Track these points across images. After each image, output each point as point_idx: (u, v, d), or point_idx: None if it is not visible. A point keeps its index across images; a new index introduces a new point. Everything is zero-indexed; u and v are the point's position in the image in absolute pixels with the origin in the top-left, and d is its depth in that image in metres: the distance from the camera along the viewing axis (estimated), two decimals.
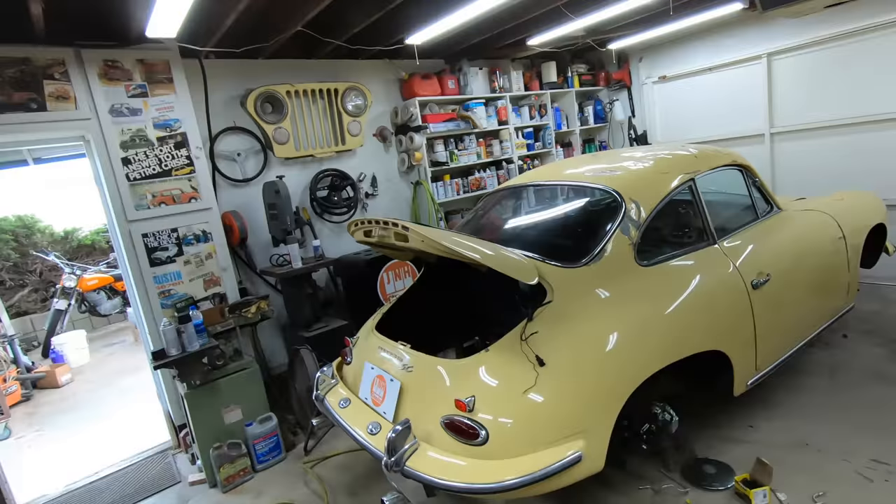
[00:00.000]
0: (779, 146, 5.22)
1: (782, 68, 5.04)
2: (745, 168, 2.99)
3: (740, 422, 2.95)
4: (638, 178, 2.65)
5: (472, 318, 3.25)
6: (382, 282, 4.19)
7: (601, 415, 2.04)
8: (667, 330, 2.27)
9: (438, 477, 1.88)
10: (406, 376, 2.26)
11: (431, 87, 4.92)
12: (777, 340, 2.72)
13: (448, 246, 1.96)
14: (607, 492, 2.54)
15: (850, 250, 3.20)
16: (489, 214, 3.33)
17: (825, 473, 2.45)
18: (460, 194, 5.23)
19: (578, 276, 2.25)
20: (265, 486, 3.09)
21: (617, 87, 6.42)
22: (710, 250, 2.57)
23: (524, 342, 2.03)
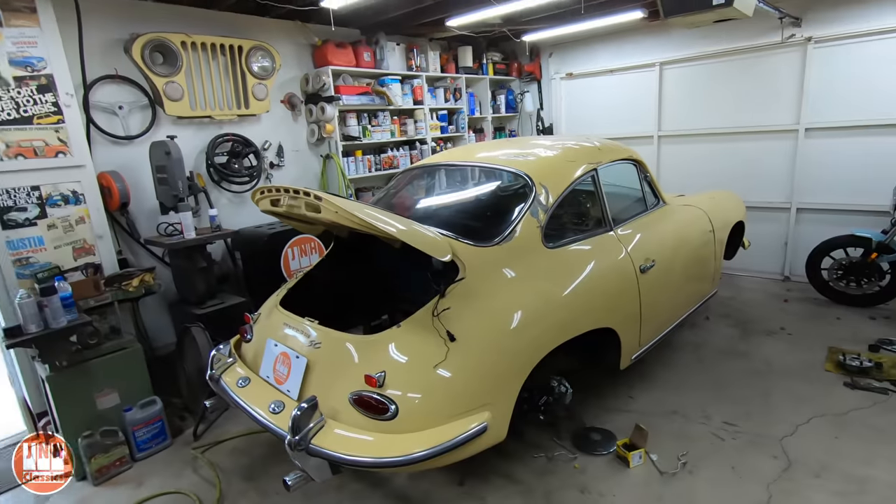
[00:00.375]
0: (665, 147, 5.79)
1: (672, 77, 5.56)
2: (639, 163, 3.27)
3: (622, 393, 3.26)
4: (548, 165, 2.77)
5: (380, 297, 3.22)
6: (287, 257, 3.98)
7: (506, 388, 2.13)
8: (567, 308, 2.42)
9: (345, 453, 1.85)
10: (313, 353, 2.17)
11: (346, 58, 4.71)
12: (658, 320, 3.04)
13: (364, 219, 1.91)
14: (505, 461, 2.68)
15: (717, 243, 3.65)
16: (402, 192, 3.30)
17: (688, 436, 2.81)
18: (372, 171, 5.12)
19: (489, 255, 2.31)
20: (147, 476, 2.82)
21: (528, 79, 6.66)
22: (607, 236, 2.78)
23: (436, 318, 2.04)
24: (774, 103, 4.97)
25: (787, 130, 4.94)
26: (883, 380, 3.19)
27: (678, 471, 2.54)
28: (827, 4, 4.50)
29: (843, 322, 4.11)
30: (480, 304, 2.17)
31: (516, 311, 2.22)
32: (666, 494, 2.39)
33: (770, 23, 4.64)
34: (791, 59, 4.80)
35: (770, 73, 4.93)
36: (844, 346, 3.66)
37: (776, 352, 3.69)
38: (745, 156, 5.25)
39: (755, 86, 5.04)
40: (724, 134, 5.33)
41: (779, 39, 4.74)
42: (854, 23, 4.41)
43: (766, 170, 5.14)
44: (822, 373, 3.36)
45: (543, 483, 2.52)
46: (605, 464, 2.64)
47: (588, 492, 2.45)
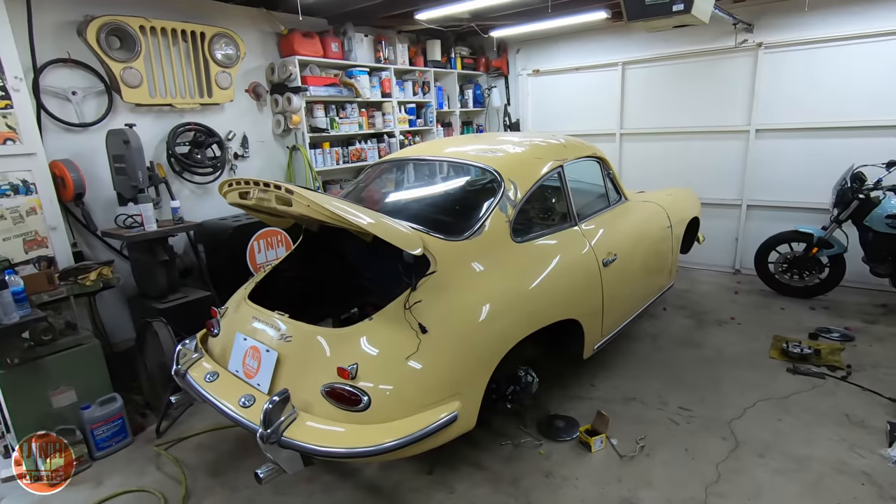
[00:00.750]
0: (626, 145, 5.99)
1: (633, 77, 5.75)
2: (602, 160, 3.38)
3: (585, 381, 3.40)
4: (516, 161, 2.84)
5: (349, 290, 3.23)
6: (252, 250, 3.91)
7: (475, 378, 2.19)
8: (534, 301, 2.50)
9: (318, 444, 1.86)
10: (283, 346, 2.17)
11: (313, 48, 4.64)
12: (619, 311, 3.17)
13: (336, 212, 1.92)
14: (473, 449, 2.75)
15: (675, 238, 3.83)
16: (372, 186, 3.30)
17: (646, 421, 2.96)
18: (340, 164, 5.07)
19: (460, 249, 2.36)
20: (107, 475, 2.74)
21: (496, 75, 6.73)
22: (572, 231, 2.88)
23: (408, 311, 2.08)
24: (728, 105, 5.22)
25: (739, 131, 5.20)
26: (821, 365, 3.45)
27: (636, 454, 2.67)
28: (777, 12, 4.75)
29: (787, 312, 4.39)
30: (451, 296, 2.22)
31: (485, 303, 2.28)
32: (625, 476, 2.52)
33: (725, 28, 4.87)
34: (743, 63, 5.05)
35: (724, 76, 5.18)
36: (788, 334, 3.93)
37: (727, 341, 3.91)
38: (701, 154, 5.50)
39: (711, 87, 5.28)
40: (682, 133, 5.56)
41: (732, 44, 4.98)
42: (801, 31, 4.68)
43: (719, 168, 5.41)
44: (768, 360, 3.59)
45: (510, 469, 2.61)
46: (569, 449, 2.75)
47: (552, 476, 2.55)
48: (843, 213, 4.15)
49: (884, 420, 2.83)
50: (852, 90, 4.56)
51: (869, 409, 2.97)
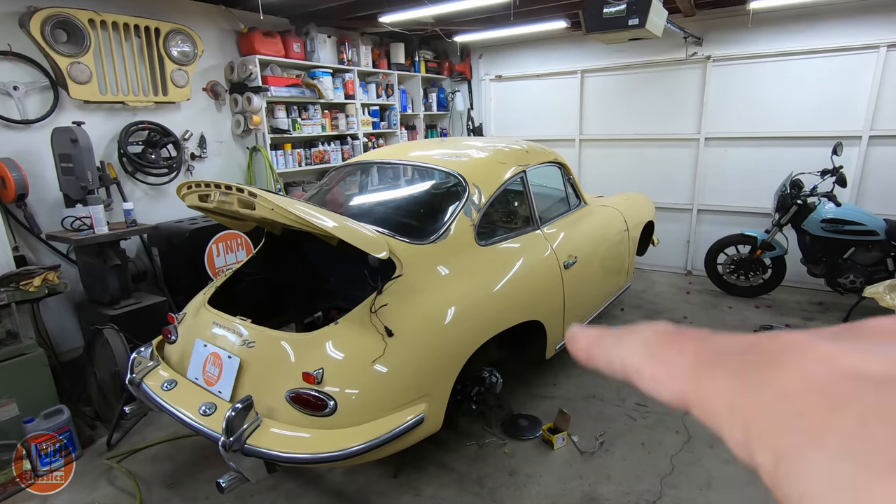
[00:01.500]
0: (586, 151, 6.18)
1: (592, 85, 5.94)
2: (563, 166, 3.48)
3: (547, 381, 3.48)
4: (480, 165, 2.89)
5: (313, 294, 3.19)
6: (211, 254, 3.80)
7: (442, 380, 2.22)
8: (498, 303, 2.55)
9: (283, 451, 1.84)
10: (246, 352, 2.13)
11: (274, 47, 4.56)
12: (579, 312, 3.27)
13: (301, 216, 1.90)
14: (439, 450, 2.78)
15: (631, 240, 3.98)
16: (337, 189, 3.28)
17: (605, 417, 3.07)
18: (302, 166, 5.00)
19: (425, 253, 2.38)
20: (53, 491, 2.59)
21: (459, 79, 6.79)
22: (534, 235, 2.95)
23: (374, 314, 2.08)
24: (680, 114, 5.48)
25: (690, 139, 5.47)
26: None
27: (596, 450, 2.77)
28: (724, 28, 5.03)
29: (735, 311, 4.65)
30: (417, 300, 2.24)
31: (451, 306, 2.31)
32: (586, 472, 2.61)
33: (676, 41, 5.11)
34: (694, 74, 5.31)
35: (676, 86, 5.43)
36: (735, 331, 4.15)
37: None
38: (656, 161, 5.74)
39: (664, 97, 5.53)
40: (638, 140, 5.79)
41: (683, 56, 5.23)
42: (745, 46, 4.97)
43: (673, 174, 5.66)
44: None
45: (476, 469, 2.65)
46: (533, 447, 2.82)
47: (517, 474, 2.61)
48: (783, 217, 4.43)
49: None
50: (792, 103, 4.88)
51: None
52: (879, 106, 4.53)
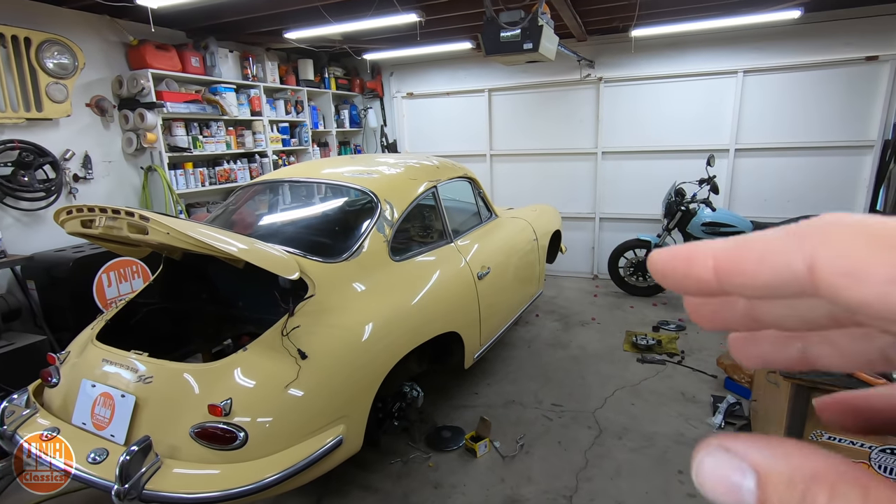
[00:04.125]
0: (496, 165, 6.45)
1: (499, 102, 6.24)
2: (473, 181, 3.61)
3: (468, 391, 3.55)
4: (392, 182, 2.92)
5: (222, 322, 3.02)
6: (101, 285, 3.46)
7: (360, 399, 2.19)
8: (415, 317, 2.57)
9: (188, 492, 1.71)
10: (142, 389, 1.95)
11: (170, 61, 4.30)
12: (495, 320, 3.38)
13: (202, 240, 1.80)
14: (363, 472, 2.73)
15: (540, 249, 4.21)
16: (244, 209, 3.14)
17: (524, 420, 3.18)
18: (206, 185, 4.73)
19: (338, 271, 2.35)
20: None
21: (371, 96, 6.82)
22: (448, 248, 3.03)
23: (286, 337, 2.01)
24: (579, 130, 5.91)
25: (589, 153, 5.91)
26: (662, 353, 4.02)
27: (517, 452, 2.87)
28: (611, 53, 5.53)
29: (636, 310, 5.05)
30: (331, 319, 2.20)
31: (367, 323, 2.30)
32: (507, 475, 2.68)
33: (573, 63, 5.53)
34: (589, 94, 5.77)
35: (575, 105, 5.87)
36: (637, 329, 4.52)
37: (589, 339, 4.38)
38: (560, 174, 6.13)
39: (565, 114, 5.94)
40: (543, 154, 6.16)
41: (578, 77, 5.67)
42: (630, 69, 5.49)
43: (575, 186, 6.08)
44: (622, 353, 4.09)
45: (401, 486, 2.63)
46: (457, 458, 2.85)
47: (441, 486, 2.62)
48: (670, 222, 4.92)
49: (708, 394, 3.39)
50: (673, 120, 5.47)
51: (698, 386, 3.53)
52: (741, 123, 5.21)
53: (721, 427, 3.01)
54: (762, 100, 5.09)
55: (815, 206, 4.93)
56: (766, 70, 5.01)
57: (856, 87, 4.76)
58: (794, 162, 5.13)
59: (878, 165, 4.78)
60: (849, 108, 4.82)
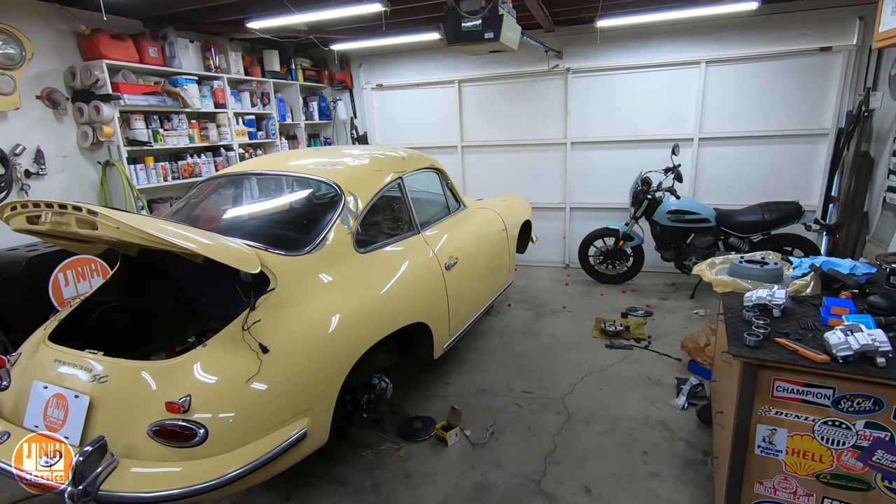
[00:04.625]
0: (468, 157, 6.46)
1: (469, 94, 6.23)
2: (441, 171, 3.61)
3: (440, 381, 3.57)
4: (356, 174, 2.89)
5: (185, 318, 2.95)
6: (57, 284, 3.34)
7: (325, 391, 2.18)
8: (382, 307, 2.57)
9: (147, 491, 1.68)
10: (97, 389, 1.90)
11: (126, 52, 4.15)
12: (464, 311, 3.40)
13: (155, 234, 1.76)
14: (333, 465, 2.72)
15: (510, 239, 4.24)
16: (205, 203, 3.07)
17: (494, 408, 3.22)
18: (168, 180, 4.60)
19: (302, 264, 2.33)
20: None
21: (340, 88, 6.72)
22: (415, 239, 3.02)
23: (246, 332, 1.99)
24: (549, 120, 5.96)
25: (558, 143, 5.97)
26: (630, 339, 4.11)
27: (487, 440, 2.90)
28: (578, 43, 5.57)
29: (605, 297, 5.15)
30: (294, 312, 2.18)
31: (332, 315, 2.28)
32: (477, 463, 2.72)
33: (541, 54, 5.55)
34: (557, 85, 5.81)
35: (544, 96, 5.90)
36: (605, 316, 4.60)
37: (560, 328, 4.44)
38: (531, 164, 6.18)
39: (534, 105, 5.97)
40: (514, 145, 6.19)
41: (546, 68, 5.70)
42: (597, 60, 5.55)
43: (546, 176, 6.13)
44: (591, 339, 4.17)
45: (371, 478, 2.63)
46: (427, 447, 2.87)
47: (412, 476, 2.64)
48: (637, 211, 5.02)
49: (673, 377, 3.49)
50: (639, 110, 5.55)
51: (663, 369, 3.63)
52: (704, 113, 5.33)
53: (684, 408, 3.11)
54: (724, 90, 5.22)
55: (775, 193, 5.09)
56: (727, 60, 5.13)
57: (811, 77, 4.92)
58: (754, 150, 5.28)
59: (833, 153, 4.96)
60: (805, 97, 4.98)
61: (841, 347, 1.52)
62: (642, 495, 2.44)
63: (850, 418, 1.56)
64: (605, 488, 2.49)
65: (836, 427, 1.58)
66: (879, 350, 1.49)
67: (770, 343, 1.68)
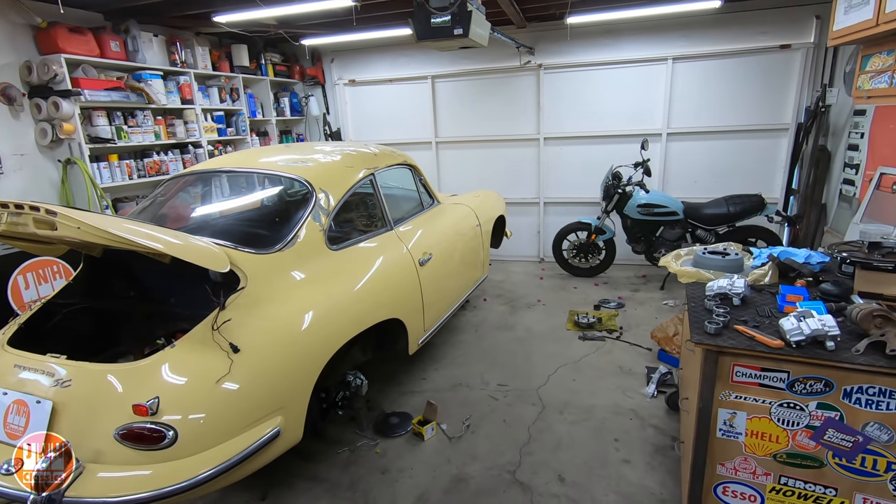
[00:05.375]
0: (442, 152, 6.46)
1: (443, 89, 6.23)
2: (413, 167, 3.61)
3: (416, 376, 3.59)
4: (327, 170, 2.87)
5: (154, 320, 2.88)
6: (17, 287, 3.22)
7: (299, 389, 2.17)
8: (355, 304, 2.56)
9: (115, 496, 1.64)
10: (60, 394, 1.85)
11: (86, 45, 4.01)
12: (439, 306, 3.42)
13: (118, 234, 1.71)
14: (309, 463, 2.71)
15: (484, 234, 4.28)
16: (173, 201, 3.00)
17: (470, 402, 3.25)
18: (134, 178, 4.47)
19: (273, 262, 2.30)
20: None
21: (312, 83, 6.64)
22: (388, 235, 3.02)
23: (216, 331, 1.96)
24: (522, 116, 6.01)
25: (531, 139, 6.03)
26: (602, 330, 4.20)
27: (463, 433, 2.93)
28: (549, 39, 5.63)
29: (579, 290, 5.24)
30: (265, 310, 2.16)
31: (305, 312, 2.27)
32: (454, 456, 2.75)
33: (513, 50, 5.59)
34: (529, 81, 5.86)
35: (517, 91, 5.95)
36: (579, 308, 4.69)
37: (535, 321, 4.51)
38: (505, 160, 6.23)
39: (508, 101, 6.01)
40: (488, 141, 6.22)
41: (518, 64, 5.75)
42: (568, 56, 5.62)
43: (520, 171, 6.19)
44: (565, 331, 4.25)
45: (348, 475, 2.64)
46: (404, 443, 2.89)
47: (388, 472, 2.65)
48: (609, 205, 5.12)
49: (643, 366, 3.58)
50: (609, 106, 5.65)
51: (634, 359, 3.72)
52: (672, 108, 5.46)
53: (654, 396, 3.20)
54: (690, 86, 5.36)
55: (740, 186, 5.25)
56: (693, 57, 5.26)
57: (772, 74, 5.09)
58: (719, 145, 5.44)
59: (793, 147, 5.15)
60: (767, 93, 5.15)
61: (794, 333, 1.59)
62: (614, 481, 2.51)
63: (803, 400, 1.64)
64: (578, 476, 2.55)
65: (791, 409, 1.66)
66: (829, 334, 1.57)
67: (729, 330, 1.75)
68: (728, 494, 1.84)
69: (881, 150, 4.10)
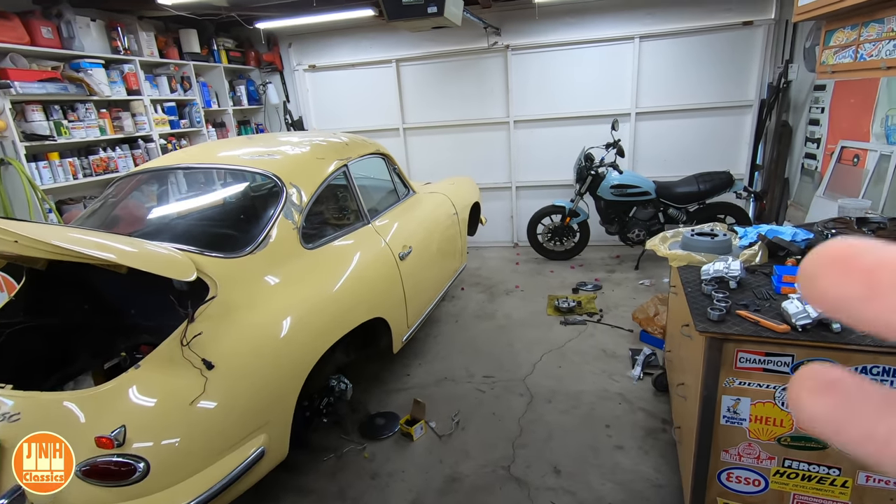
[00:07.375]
0: (411, 139, 6.27)
1: (408, 73, 6.02)
2: (387, 157, 3.44)
3: (400, 374, 3.47)
4: (297, 163, 2.68)
5: (113, 333, 2.64)
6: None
7: (282, 402, 2.02)
8: (336, 306, 2.41)
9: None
10: (8, 430, 1.64)
11: (13, 32, 3.61)
12: (421, 300, 3.30)
13: (63, 246, 1.50)
14: (295, 475, 2.57)
15: (461, 222, 4.16)
16: (126, 202, 2.75)
17: (458, 396, 3.17)
18: (79, 178, 4.11)
19: (244, 266, 2.12)
20: None
21: (269, 70, 6.29)
22: (365, 230, 2.87)
23: (186, 347, 1.78)
24: (491, 99, 5.88)
25: (501, 122, 5.91)
26: (583, 314, 4.18)
27: (453, 430, 2.85)
28: (516, 19, 5.50)
29: (556, 274, 5.22)
30: (240, 319, 1.98)
31: (283, 319, 2.11)
32: (445, 454, 2.66)
33: (480, 31, 5.43)
34: (497, 62, 5.73)
35: (485, 74, 5.80)
36: (557, 292, 4.66)
37: (514, 307, 4.45)
38: (475, 144, 6.10)
39: (475, 84, 5.86)
40: (457, 126, 6.07)
41: (486, 45, 5.59)
42: (535, 36, 5.51)
43: (491, 156, 6.08)
44: (546, 317, 4.21)
45: (336, 483, 2.51)
46: (392, 444, 2.78)
47: (378, 476, 2.54)
48: (582, 187, 5.09)
49: (627, 348, 3.58)
50: (578, 86, 5.59)
51: (617, 341, 3.72)
52: (640, 88, 5.44)
53: (640, 378, 3.20)
54: (657, 65, 5.35)
55: (707, 164, 5.31)
56: (658, 35, 5.24)
57: (736, 51, 5.13)
58: (686, 123, 5.48)
59: (757, 123, 5.24)
60: (731, 70, 5.20)
61: (800, 316, 1.56)
62: (609, 469, 2.48)
63: None
64: (573, 466, 2.51)
65: None
66: None
67: (732, 316, 1.70)
68: (732, 480, 1.82)
69: (841, 123, 4.20)
